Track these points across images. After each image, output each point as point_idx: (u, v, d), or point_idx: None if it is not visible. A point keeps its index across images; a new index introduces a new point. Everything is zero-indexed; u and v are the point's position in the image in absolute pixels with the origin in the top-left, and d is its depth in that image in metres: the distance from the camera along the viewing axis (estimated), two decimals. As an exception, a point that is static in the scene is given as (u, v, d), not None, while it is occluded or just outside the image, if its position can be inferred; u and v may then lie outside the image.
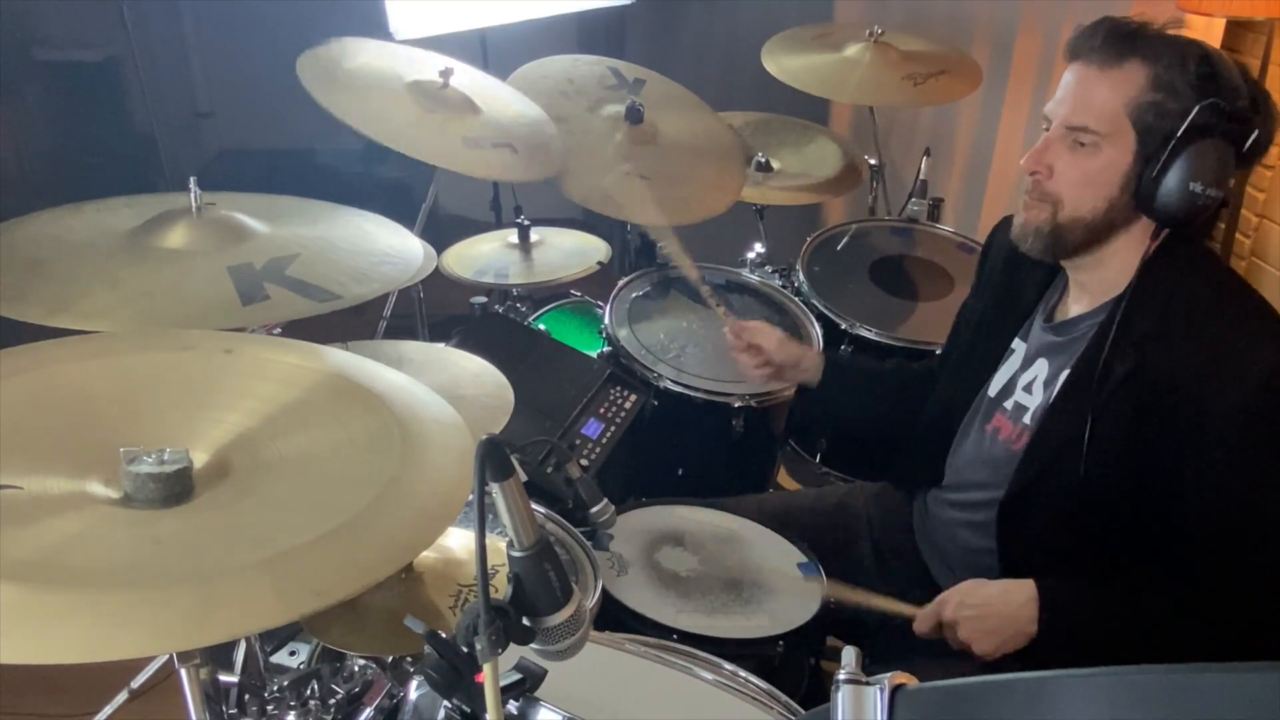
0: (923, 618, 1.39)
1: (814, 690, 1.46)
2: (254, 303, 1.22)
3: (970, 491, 1.50)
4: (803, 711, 1.16)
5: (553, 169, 1.92)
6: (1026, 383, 1.43)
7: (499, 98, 2.02)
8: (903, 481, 1.68)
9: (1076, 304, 1.40)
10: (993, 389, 1.50)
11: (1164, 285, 1.28)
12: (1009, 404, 1.46)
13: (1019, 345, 1.48)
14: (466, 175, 1.81)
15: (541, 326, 2.14)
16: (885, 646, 1.43)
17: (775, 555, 1.60)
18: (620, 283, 2.14)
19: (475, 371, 1.58)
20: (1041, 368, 1.42)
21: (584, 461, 1.77)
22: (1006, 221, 1.58)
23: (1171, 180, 1.22)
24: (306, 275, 1.28)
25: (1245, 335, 1.23)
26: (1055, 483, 1.34)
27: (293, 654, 1.52)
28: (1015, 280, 1.50)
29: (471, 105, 1.91)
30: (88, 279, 1.23)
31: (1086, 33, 1.28)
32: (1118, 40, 1.25)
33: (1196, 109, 1.21)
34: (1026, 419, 1.41)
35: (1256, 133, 1.22)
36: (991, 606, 1.33)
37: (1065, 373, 1.36)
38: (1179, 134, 1.21)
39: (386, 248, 1.41)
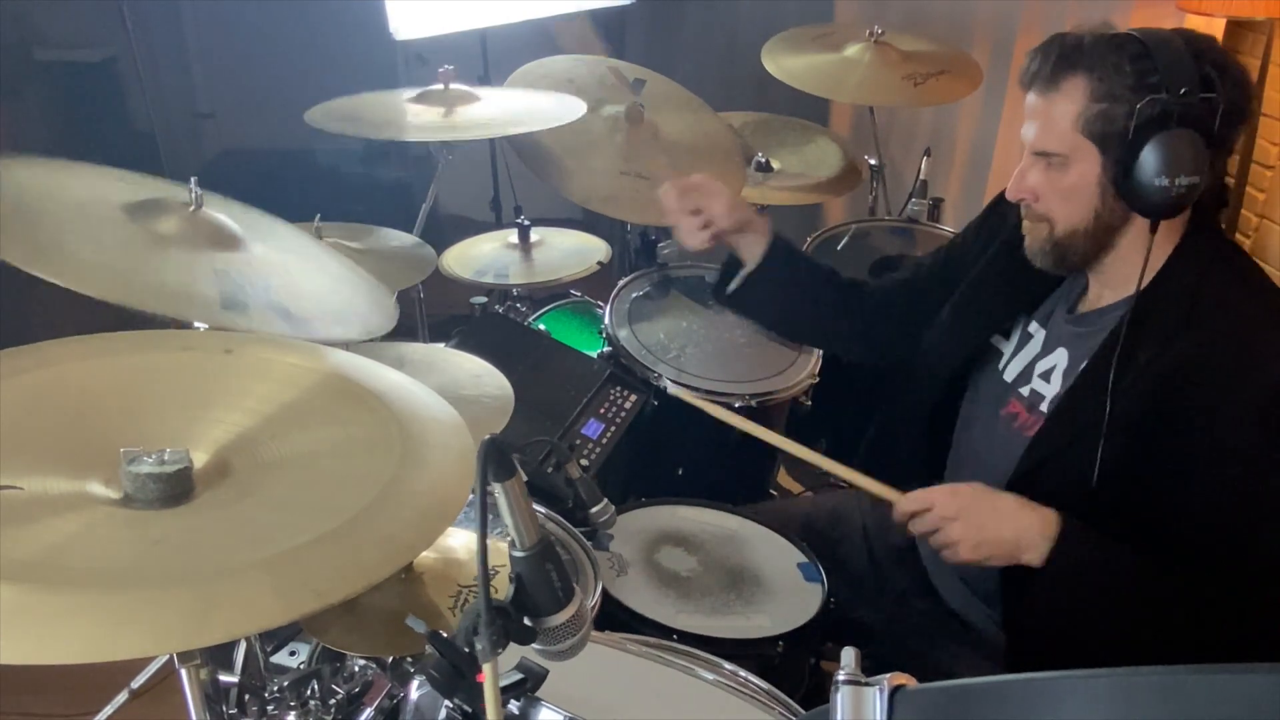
0: (912, 498, 1.35)
1: (814, 690, 1.46)
2: (232, 310, 1.20)
3: (980, 479, 1.49)
4: (803, 711, 1.16)
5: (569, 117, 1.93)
6: (1044, 370, 1.43)
7: (503, 95, 2.03)
8: (904, 475, 1.67)
9: (1099, 297, 1.40)
10: (1009, 374, 1.48)
11: (1189, 276, 1.29)
12: (1025, 390, 1.45)
13: (1037, 330, 1.47)
14: (473, 154, 1.83)
15: (541, 326, 2.14)
16: (885, 647, 1.43)
17: (775, 555, 1.60)
18: (620, 283, 2.14)
19: (475, 372, 1.58)
20: (1061, 357, 1.41)
21: (584, 461, 1.77)
22: None
23: (1141, 179, 1.23)
24: (286, 300, 1.26)
25: (1268, 326, 1.24)
26: (1063, 470, 1.33)
27: (293, 654, 1.52)
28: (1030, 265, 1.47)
29: (472, 97, 1.93)
30: (73, 236, 1.21)
31: (1029, 58, 1.32)
32: (1054, 60, 1.28)
33: (1138, 109, 1.22)
34: (1043, 407, 1.41)
35: (1221, 107, 1.22)
36: (991, 520, 1.30)
37: (1084, 363, 1.37)
38: (1130, 136, 1.23)
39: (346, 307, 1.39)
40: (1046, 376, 1.43)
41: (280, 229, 1.48)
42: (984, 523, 1.30)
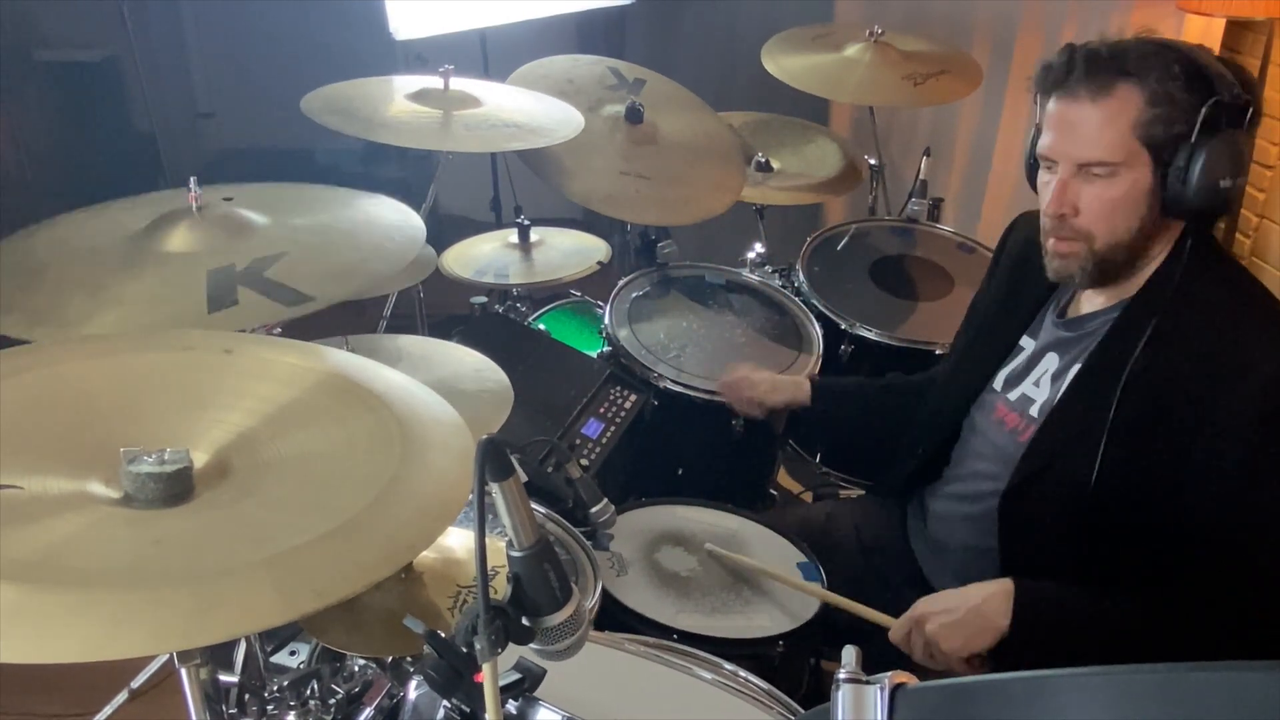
0: (897, 626, 1.37)
1: (814, 690, 1.46)
2: (221, 309, 1.21)
3: (973, 483, 1.50)
4: (803, 711, 1.16)
5: (568, 133, 1.93)
6: (1036, 377, 1.44)
7: (502, 94, 2.03)
8: (901, 481, 1.68)
9: (1090, 301, 1.40)
10: (997, 382, 1.50)
11: (1178, 283, 1.29)
12: (1014, 395, 1.46)
13: (1028, 342, 1.48)
14: (473, 154, 1.82)
15: (541, 326, 2.14)
16: (885, 646, 1.43)
17: (775, 555, 1.60)
18: (620, 283, 2.13)
19: (475, 366, 1.58)
20: (1051, 361, 1.42)
21: (584, 461, 1.77)
22: (1024, 217, 1.57)
23: (1199, 182, 1.22)
24: (285, 277, 1.27)
25: (1258, 335, 1.24)
26: (1060, 476, 1.34)
27: (293, 654, 1.52)
28: (1025, 277, 1.49)
29: (473, 100, 1.93)
30: (71, 289, 1.23)
31: (1060, 67, 1.27)
32: (1098, 67, 1.24)
33: (1204, 110, 1.21)
34: (1034, 411, 1.41)
35: (1250, 109, 1.23)
36: (958, 598, 1.32)
37: (1076, 367, 1.37)
38: (1193, 139, 1.22)
39: (383, 238, 1.40)
40: (1037, 381, 1.43)
41: (304, 193, 1.50)
42: (949, 602, 1.32)
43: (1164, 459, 1.25)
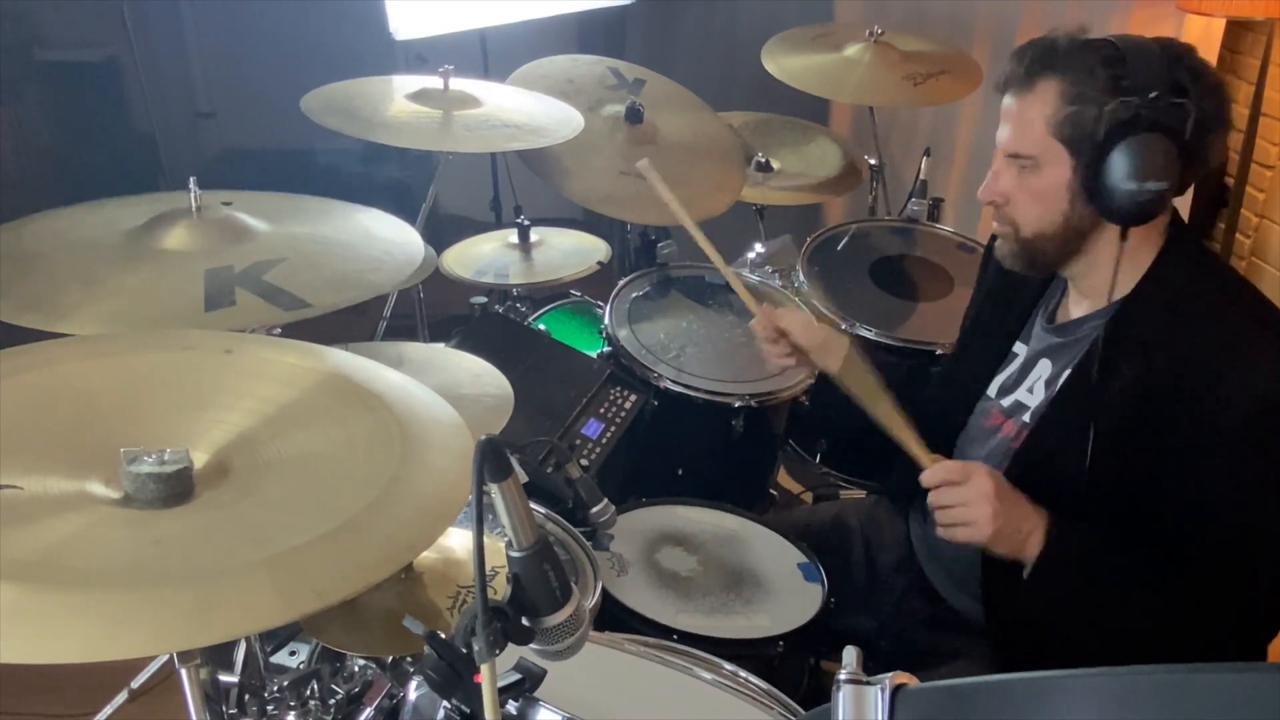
0: (948, 468, 1.31)
1: (814, 690, 1.46)
2: (218, 308, 1.21)
3: None
4: (803, 711, 1.16)
5: (568, 133, 1.92)
6: (1030, 383, 1.44)
7: (502, 94, 2.03)
8: (900, 485, 1.68)
9: (1078, 306, 1.40)
10: (992, 389, 1.50)
11: (1170, 288, 1.28)
12: (1007, 401, 1.46)
13: (1020, 348, 1.48)
14: (473, 154, 1.81)
15: (541, 326, 2.14)
16: (887, 644, 1.43)
17: (775, 555, 1.60)
18: (620, 283, 2.14)
19: (475, 371, 1.58)
20: (1044, 368, 1.42)
21: (584, 461, 1.77)
22: None
23: (1110, 183, 1.23)
24: (283, 282, 1.26)
25: (1252, 339, 1.23)
26: (1049, 482, 1.34)
27: (293, 654, 1.52)
28: (1013, 283, 1.50)
29: (473, 100, 1.93)
30: (65, 278, 1.23)
31: (1008, 61, 1.32)
32: (1028, 62, 1.28)
33: (1106, 111, 1.21)
34: (1026, 417, 1.41)
35: (1193, 114, 1.20)
36: (1012, 500, 1.27)
37: (1067, 373, 1.37)
38: (1100, 139, 1.22)
39: (382, 253, 1.40)
40: (1030, 388, 1.43)
41: (303, 203, 1.49)
42: (1010, 512, 1.26)
43: (1154, 463, 1.25)
